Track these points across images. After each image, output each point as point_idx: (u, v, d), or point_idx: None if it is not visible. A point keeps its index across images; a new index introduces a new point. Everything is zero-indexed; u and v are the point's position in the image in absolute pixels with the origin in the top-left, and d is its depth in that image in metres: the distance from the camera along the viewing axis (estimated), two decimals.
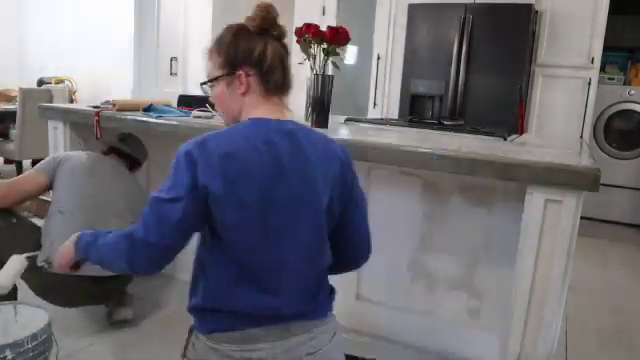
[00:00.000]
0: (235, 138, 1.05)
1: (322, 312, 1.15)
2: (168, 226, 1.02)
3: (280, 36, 1.15)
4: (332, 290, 1.21)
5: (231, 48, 1.12)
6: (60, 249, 1.26)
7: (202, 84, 1.20)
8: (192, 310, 1.11)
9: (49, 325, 1.54)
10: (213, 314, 1.08)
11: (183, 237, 1.05)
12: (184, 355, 1.14)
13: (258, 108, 1.13)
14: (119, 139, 2.25)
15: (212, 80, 1.16)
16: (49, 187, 1.99)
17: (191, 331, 1.13)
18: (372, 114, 4.41)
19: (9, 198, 1.95)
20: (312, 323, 1.11)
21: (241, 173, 1.01)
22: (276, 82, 1.13)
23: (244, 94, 1.12)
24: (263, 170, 1.03)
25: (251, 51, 1.10)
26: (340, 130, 2.14)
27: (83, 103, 3.37)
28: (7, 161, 4.49)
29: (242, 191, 1.01)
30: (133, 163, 2.25)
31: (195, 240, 1.12)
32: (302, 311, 1.10)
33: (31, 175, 1.99)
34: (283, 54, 1.14)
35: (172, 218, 1.02)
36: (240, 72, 1.11)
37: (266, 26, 1.12)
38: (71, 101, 4.51)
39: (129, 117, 2.23)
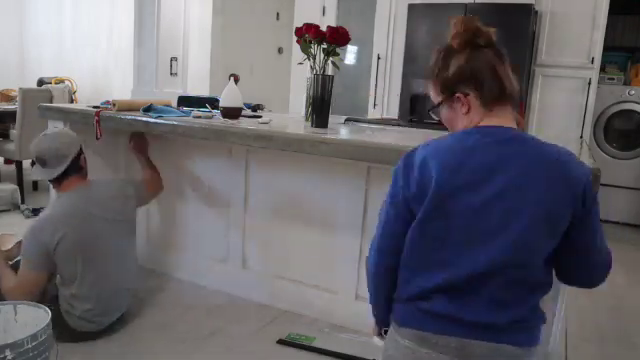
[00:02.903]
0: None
1: (515, 339, 1.03)
2: None
3: (488, 44, 1.12)
4: (541, 316, 1.09)
5: (442, 73, 1.15)
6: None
7: (429, 111, 1.24)
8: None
9: (49, 325, 1.54)
10: (399, 305, 1.11)
11: None
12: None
13: (482, 122, 1.12)
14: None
15: (436, 107, 1.19)
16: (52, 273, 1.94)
17: None
18: (372, 114, 4.41)
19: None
20: (496, 350, 1.01)
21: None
22: (492, 93, 1.10)
23: (467, 113, 1.13)
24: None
25: (459, 71, 1.11)
26: (340, 130, 2.14)
27: (83, 103, 3.37)
28: (7, 161, 4.49)
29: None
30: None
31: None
32: (483, 324, 1.02)
33: (32, 275, 1.87)
34: (493, 62, 1.11)
35: None
36: (458, 94, 1.12)
37: (469, 39, 1.11)
38: (71, 101, 4.51)
39: (129, 117, 2.23)
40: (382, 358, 1.15)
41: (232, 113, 2.22)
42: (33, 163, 2.10)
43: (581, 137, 3.89)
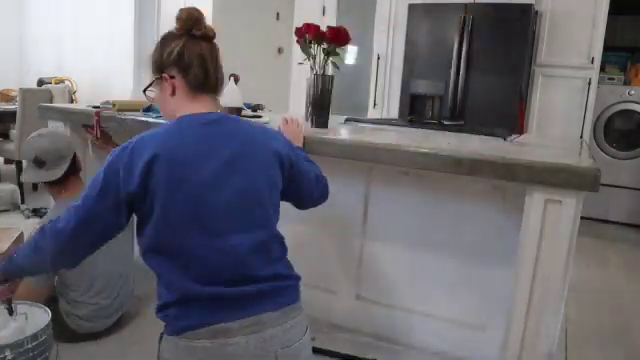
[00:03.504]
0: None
1: (290, 298, 1.17)
2: None
3: (204, 36, 1.20)
4: (297, 277, 1.24)
5: (156, 54, 1.22)
6: None
7: (144, 91, 1.29)
8: (160, 311, 1.13)
9: (49, 325, 1.54)
10: (181, 311, 1.08)
11: None
12: None
13: (185, 107, 1.19)
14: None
15: (148, 86, 1.27)
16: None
17: (161, 338, 1.13)
18: (372, 114, 4.41)
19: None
20: (283, 313, 1.12)
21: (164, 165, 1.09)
22: (197, 80, 1.19)
23: (172, 95, 1.20)
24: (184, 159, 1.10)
25: (170, 53, 1.18)
26: (340, 130, 2.14)
27: (83, 103, 3.37)
28: (7, 161, 4.49)
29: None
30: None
31: None
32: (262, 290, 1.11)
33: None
34: (204, 52, 1.19)
35: None
36: (165, 75, 1.19)
37: (188, 27, 1.18)
38: (71, 101, 4.51)
39: (129, 117, 2.23)
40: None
41: (232, 113, 2.21)
42: (19, 164, 2.06)
43: (581, 137, 3.89)
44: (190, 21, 1.18)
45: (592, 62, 3.86)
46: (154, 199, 1.07)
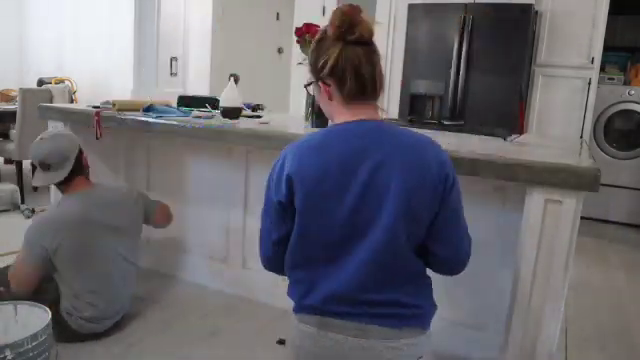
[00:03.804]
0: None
1: (405, 321, 1.15)
2: None
3: (358, 40, 1.12)
4: (431, 305, 1.22)
5: (312, 57, 1.19)
6: None
7: (305, 86, 1.31)
8: (288, 290, 1.26)
9: (49, 325, 1.54)
10: (300, 296, 1.18)
11: None
12: None
13: (341, 113, 1.18)
14: None
15: (306, 85, 1.27)
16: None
17: None
18: None
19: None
20: (391, 331, 1.12)
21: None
22: (350, 90, 1.14)
23: (330, 100, 1.18)
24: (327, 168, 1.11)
25: (324, 64, 1.13)
26: None
27: (83, 103, 3.37)
28: (7, 161, 4.49)
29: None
30: None
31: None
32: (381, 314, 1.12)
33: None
34: (358, 61, 1.12)
35: None
36: (320, 82, 1.17)
37: (342, 31, 1.11)
38: (71, 101, 4.51)
39: (129, 117, 2.23)
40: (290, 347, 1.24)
41: (232, 113, 2.22)
42: (34, 168, 2.08)
43: (581, 137, 3.89)
44: (342, 27, 1.11)
45: (592, 62, 3.86)
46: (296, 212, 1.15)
